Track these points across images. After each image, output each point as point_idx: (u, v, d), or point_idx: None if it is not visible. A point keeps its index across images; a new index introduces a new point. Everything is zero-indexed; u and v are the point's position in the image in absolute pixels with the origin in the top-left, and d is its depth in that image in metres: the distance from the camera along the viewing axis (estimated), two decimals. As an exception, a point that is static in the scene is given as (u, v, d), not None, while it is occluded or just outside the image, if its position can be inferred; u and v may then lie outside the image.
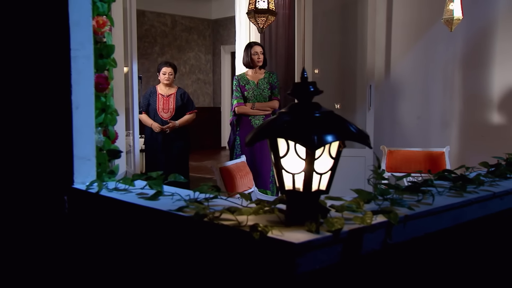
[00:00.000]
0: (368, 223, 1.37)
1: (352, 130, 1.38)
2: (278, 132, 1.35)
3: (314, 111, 1.41)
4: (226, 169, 3.88)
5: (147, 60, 11.38)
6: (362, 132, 1.40)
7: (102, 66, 2.10)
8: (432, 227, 1.68)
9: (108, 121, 2.13)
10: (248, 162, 5.22)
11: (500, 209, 1.98)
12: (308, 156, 1.35)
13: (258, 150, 5.22)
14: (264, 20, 3.52)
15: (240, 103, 5.33)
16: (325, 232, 1.33)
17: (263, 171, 5.28)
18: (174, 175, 1.85)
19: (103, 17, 2.07)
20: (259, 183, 5.28)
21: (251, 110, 5.30)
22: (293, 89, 1.43)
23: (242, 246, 1.38)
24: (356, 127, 1.41)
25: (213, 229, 1.44)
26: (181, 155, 5.98)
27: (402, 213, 1.56)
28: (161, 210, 1.62)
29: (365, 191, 1.64)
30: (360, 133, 1.40)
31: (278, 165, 1.40)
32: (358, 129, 1.40)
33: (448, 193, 1.88)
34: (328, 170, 1.41)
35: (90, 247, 2.00)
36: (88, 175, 2.05)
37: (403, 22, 6.10)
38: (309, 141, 1.28)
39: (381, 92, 6.26)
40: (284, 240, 1.26)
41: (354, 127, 1.40)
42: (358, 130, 1.40)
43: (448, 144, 5.44)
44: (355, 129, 1.39)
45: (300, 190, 1.40)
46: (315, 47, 6.30)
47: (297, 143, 1.32)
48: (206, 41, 12.49)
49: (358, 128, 1.40)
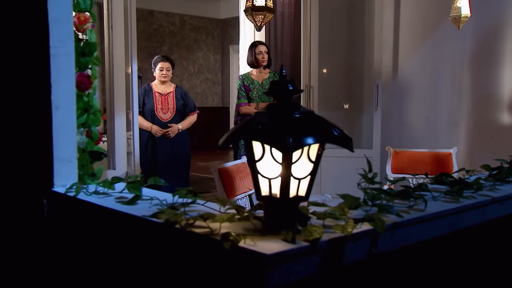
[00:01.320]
0: (349, 232, 1.28)
1: (333, 132, 1.29)
2: (252, 134, 1.26)
3: (293, 111, 1.32)
4: (225, 170, 3.79)
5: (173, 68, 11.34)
6: (345, 135, 1.31)
7: (84, 65, 2.03)
8: (424, 235, 1.58)
9: (91, 121, 2.06)
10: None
11: (499, 215, 1.87)
12: (284, 160, 1.26)
13: (261, 150, 5.14)
14: (261, 18, 3.43)
15: (244, 103, 5.25)
16: (302, 242, 1.24)
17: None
18: (154, 178, 1.76)
19: (85, 14, 2.00)
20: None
21: (255, 110, 5.20)
22: (271, 88, 1.34)
23: (213, 255, 1.29)
24: (339, 129, 1.32)
25: (184, 237, 1.36)
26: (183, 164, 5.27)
27: (390, 220, 1.46)
28: (135, 216, 1.53)
29: (351, 196, 1.55)
30: (343, 136, 1.30)
31: (254, 170, 1.31)
32: (341, 132, 1.31)
33: (443, 198, 1.78)
34: (307, 175, 1.32)
35: (68, 252, 1.93)
36: (69, 177, 1.98)
37: (411, 20, 5.97)
38: (284, 143, 1.19)
39: (389, 92, 6.14)
40: (255, 250, 1.17)
41: (336, 129, 1.31)
42: (340, 133, 1.30)
43: (457, 145, 5.30)
44: (337, 131, 1.30)
45: (277, 196, 1.31)
46: (321, 46, 6.19)
47: (271, 146, 1.23)
48: (215, 41, 12.43)
49: (340, 130, 1.31)
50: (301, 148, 1.24)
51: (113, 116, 4.25)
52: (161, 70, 5.10)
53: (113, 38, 4.38)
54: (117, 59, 4.36)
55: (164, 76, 5.11)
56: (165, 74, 5.11)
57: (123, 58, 4.40)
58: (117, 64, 4.35)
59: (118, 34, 4.39)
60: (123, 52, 4.39)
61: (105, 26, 4.50)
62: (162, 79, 5.11)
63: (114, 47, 4.37)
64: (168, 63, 5.15)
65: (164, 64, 5.11)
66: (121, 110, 4.27)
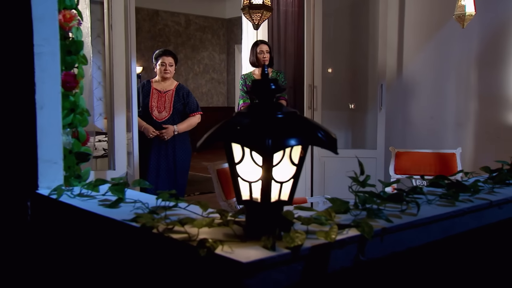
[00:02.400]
0: (332, 239, 1.21)
1: (316, 133, 1.22)
2: (230, 135, 1.20)
3: (276, 112, 1.25)
4: (223, 171, 3.74)
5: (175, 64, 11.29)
6: (330, 137, 1.24)
7: (71, 64, 1.97)
8: (416, 240, 1.51)
9: (77, 121, 2.00)
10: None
11: (497, 220, 1.80)
12: (265, 163, 1.20)
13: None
14: (259, 16, 3.37)
15: (246, 103, 5.19)
16: (283, 249, 1.18)
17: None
18: (138, 180, 1.70)
19: (71, 11, 1.95)
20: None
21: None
22: (252, 87, 1.28)
23: (190, 262, 1.23)
24: (324, 130, 1.25)
25: (162, 242, 1.30)
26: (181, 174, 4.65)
27: (380, 226, 1.40)
28: (115, 220, 1.48)
29: (340, 200, 1.48)
30: (327, 138, 1.23)
31: (233, 173, 1.25)
32: (326, 133, 1.24)
33: (438, 202, 1.71)
34: (290, 178, 1.25)
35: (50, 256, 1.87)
36: (54, 179, 1.93)
37: (415, 19, 5.89)
38: (262, 145, 1.13)
39: (393, 91, 6.06)
40: (232, 258, 1.11)
41: (320, 130, 1.24)
42: (325, 134, 1.24)
43: (463, 145, 5.22)
44: (321, 133, 1.23)
45: (258, 200, 1.24)
46: (325, 45, 6.12)
47: (249, 148, 1.17)
48: (220, 40, 12.38)
49: (325, 132, 1.25)
50: (282, 150, 1.18)
51: (113, 116, 4.21)
52: (163, 65, 4.56)
53: (113, 37, 4.34)
54: (116, 59, 4.33)
55: (166, 72, 4.56)
56: (167, 70, 4.56)
57: (123, 58, 4.36)
58: (117, 64, 4.32)
59: (118, 34, 4.35)
60: (123, 52, 4.35)
61: (105, 26, 4.47)
62: (164, 75, 4.56)
63: (114, 47, 4.33)
64: (170, 58, 4.61)
65: (166, 59, 4.58)
66: (121, 110, 4.23)
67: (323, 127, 1.26)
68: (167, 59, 4.62)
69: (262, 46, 5.20)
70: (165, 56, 4.62)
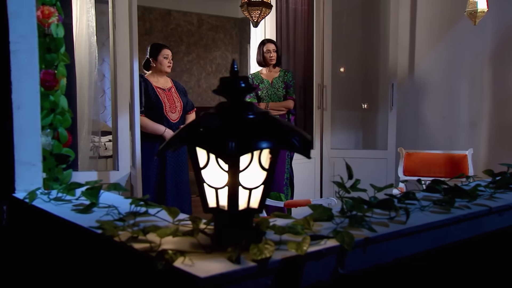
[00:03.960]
0: (303, 251, 1.11)
1: (287, 136, 1.12)
2: (191, 138, 1.10)
3: (247, 112, 1.16)
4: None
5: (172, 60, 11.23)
6: (303, 141, 1.14)
7: (51, 62, 1.89)
8: (405, 250, 1.40)
9: (58, 122, 1.92)
10: (261, 164, 4.97)
11: (498, 227, 1.68)
12: (231, 168, 1.10)
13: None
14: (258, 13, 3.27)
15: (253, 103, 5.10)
16: (249, 262, 1.08)
17: (276, 173, 5.02)
18: (113, 184, 1.62)
19: (50, 7, 1.87)
20: (273, 186, 5.04)
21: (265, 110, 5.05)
22: (220, 86, 1.18)
23: (149, 275, 1.14)
24: (298, 133, 1.15)
25: (123, 252, 1.21)
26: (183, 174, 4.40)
27: (363, 235, 1.29)
28: (81, 226, 1.39)
29: (322, 207, 1.38)
30: (300, 142, 1.13)
31: (199, 178, 1.16)
32: (299, 136, 1.14)
33: (432, 209, 1.59)
34: (260, 184, 1.15)
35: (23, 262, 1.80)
36: (33, 182, 1.85)
37: (427, 17, 5.75)
38: (224, 149, 1.03)
39: (405, 91, 5.93)
40: (189, 272, 1.01)
41: (293, 132, 1.14)
42: (299, 137, 1.13)
43: (476, 146, 5.07)
44: (293, 136, 1.13)
45: (225, 208, 1.15)
46: (335, 44, 6.01)
47: (209, 151, 1.07)
48: (233, 40, 12.28)
49: (299, 135, 1.14)
50: (246, 153, 1.08)
51: (117, 116, 4.16)
52: (166, 58, 4.34)
53: (116, 36, 4.30)
54: (120, 58, 4.28)
55: (169, 66, 4.37)
56: (171, 63, 4.39)
57: (126, 57, 4.32)
58: (120, 63, 4.27)
59: (122, 33, 4.31)
60: (127, 51, 4.30)
61: (110, 25, 4.43)
62: (167, 69, 4.35)
63: (117, 46, 4.29)
64: (169, 50, 4.43)
65: (168, 51, 4.38)
66: (124, 109, 4.17)
67: (297, 129, 1.16)
68: (169, 52, 4.41)
69: (269, 45, 5.09)
70: (165, 48, 4.41)
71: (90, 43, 4.77)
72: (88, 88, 4.77)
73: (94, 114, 5.15)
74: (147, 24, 10.97)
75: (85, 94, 4.69)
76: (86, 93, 4.73)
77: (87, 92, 4.74)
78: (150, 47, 4.54)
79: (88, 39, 4.74)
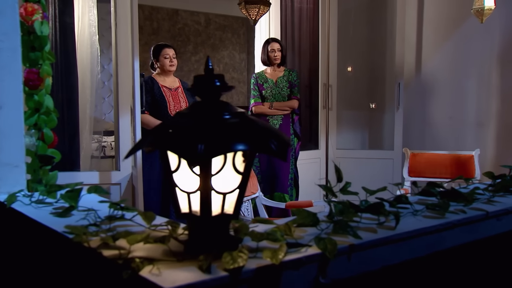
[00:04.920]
0: (278, 260, 1.04)
1: (263, 138, 1.06)
2: (160, 140, 1.04)
3: (222, 112, 1.09)
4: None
5: (180, 59, 11.16)
6: (280, 143, 1.07)
7: (35, 60, 1.84)
8: (394, 258, 1.33)
9: (42, 122, 1.87)
10: (265, 164, 4.91)
11: (495, 233, 1.60)
12: (202, 171, 1.04)
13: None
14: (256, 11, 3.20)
15: (257, 103, 5.03)
16: (221, 271, 1.02)
17: (281, 173, 4.96)
18: (94, 187, 1.56)
19: (33, 4, 1.81)
20: (277, 186, 4.98)
21: (269, 110, 4.99)
22: (194, 84, 1.12)
23: (116, 284, 1.08)
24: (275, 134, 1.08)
25: (93, 259, 1.15)
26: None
27: (348, 242, 1.22)
28: (55, 231, 1.34)
29: (306, 211, 1.31)
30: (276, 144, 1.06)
31: (171, 182, 1.10)
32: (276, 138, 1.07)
33: (426, 213, 1.52)
34: (235, 188, 1.09)
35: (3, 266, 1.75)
36: (16, 183, 1.80)
37: (434, 15, 5.65)
38: (192, 151, 0.97)
39: (411, 90, 5.83)
40: (154, 282, 0.95)
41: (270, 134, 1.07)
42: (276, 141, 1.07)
43: (484, 147, 4.97)
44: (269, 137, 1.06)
45: (198, 214, 1.08)
46: (340, 43, 5.93)
47: (177, 153, 1.01)
48: (241, 40, 12.21)
49: (276, 136, 1.08)
50: (216, 156, 1.02)
51: (118, 116, 4.12)
52: (167, 58, 4.23)
53: (118, 35, 4.26)
54: (121, 57, 4.24)
55: (171, 65, 4.26)
56: (173, 62, 4.28)
57: (128, 56, 4.28)
58: (122, 62, 4.24)
59: (123, 32, 4.28)
60: (129, 50, 4.27)
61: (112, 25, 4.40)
62: (170, 68, 4.26)
63: (119, 45, 4.25)
64: (172, 50, 4.34)
65: (169, 51, 4.27)
66: (125, 109, 4.14)
67: (275, 131, 1.10)
68: (170, 51, 4.30)
69: (274, 44, 5.03)
70: (167, 48, 4.29)
71: (92, 43, 4.74)
72: (90, 87, 4.74)
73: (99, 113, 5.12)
74: (154, 23, 10.93)
75: (87, 93, 4.67)
76: (88, 92, 4.70)
77: (89, 92, 4.71)
78: (152, 49, 4.47)
79: (90, 39, 4.71)
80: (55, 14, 4.18)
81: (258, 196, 3.93)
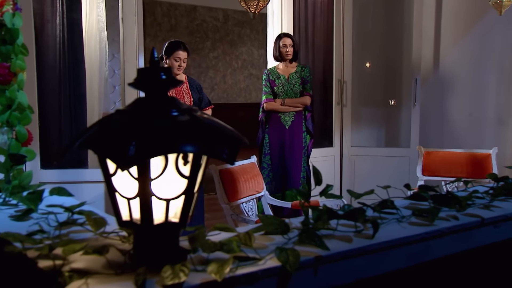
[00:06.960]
0: (222, 276, 0.93)
1: (209, 137, 0.94)
2: (87, 140, 0.93)
3: (169, 109, 0.98)
4: (227, 172, 3.47)
5: (198, 56, 11.13)
6: (230, 144, 0.95)
7: (6, 54, 1.75)
8: (371, 270, 1.20)
9: (15, 119, 1.78)
10: (277, 161, 4.80)
11: (492, 241, 1.46)
12: (140, 175, 0.93)
13: (287, 148, 4.80)
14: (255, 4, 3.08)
15: (269, 99, 4.91)
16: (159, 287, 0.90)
17: (292, 171, 4.84)
18: (57, 188, 1.47)
19: (3, -4, 1.72)
20: (289, 185, 4.86)
21: (281, 106, 4.86)
22: (137, 77, 1.01)
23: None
24: (230, 134, 0.97)
25: (30, 271, 1.05)
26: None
27: (315, 253, 1.10)
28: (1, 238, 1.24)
29: (272, 218, 1.19)
30: (228, 146, 0.95)
31: (110, 186, 0.99)
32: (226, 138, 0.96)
33: (412, 220, 1.39)
34: (180, 194, 0.97)
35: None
36: (-15, 184, 1.72)
37: (453, 8, 5.44)
38: (118, 151, 0.86)
39: (429, 86, 5.64)
40: (76, 301, 0.85)
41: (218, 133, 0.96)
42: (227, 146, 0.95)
43: (504, 145, 4.77)
44: (217, 138, 0.95)
45: (138, 222, 0.97)
46: (356, 38, 5.77)
47: (103, 155, 0.90)
48: (259, 36, 12.08)
49: (226, 137, 0.96)
50: (149, 158, 0.90)
51: (125, 108, 4.07)
52: (176, 61, 4.15)
53: (124, 31, 4.21)
54: (128, 53, 4.19)
55: (179, 69, 4.19)
56: (181, 66, 4.20)
57: (134, 52, 4.23)
58: (128, 58, 4.18)
59: (129, 27, 4.22)
60: (135, 46, 4.21)
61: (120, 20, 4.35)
62: (177, 71, 4.19)
63: (125, 40, 4.20)
64: (186, 53, 4.21)
65: (182, 54, 4.16)
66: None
67: (228, 129, 0.98)
68: (183, 54, 4.15)
69: (285, 40, 4.89)
70: (180, 50, 4.14)
71: (101, 39, 4.69)
72: (98, 83, 4.68)
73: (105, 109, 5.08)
74: (172, 20, 10.89)
75: (95, 89, 4.62)
76: (96, 88, 4.65)
77: (97, 88, 4.66)
78: (167, 44, 4.32)
79: (98, 34, 4.65)
80: (63, 10, 4.13)
81: (263, 195, 3.81)
